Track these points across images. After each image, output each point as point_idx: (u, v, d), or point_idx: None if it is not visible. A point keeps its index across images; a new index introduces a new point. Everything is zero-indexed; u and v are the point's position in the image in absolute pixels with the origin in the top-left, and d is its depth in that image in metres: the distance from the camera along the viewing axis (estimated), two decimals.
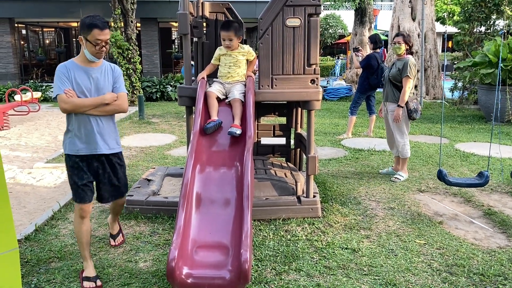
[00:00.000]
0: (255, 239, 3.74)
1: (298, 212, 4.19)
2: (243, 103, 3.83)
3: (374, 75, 7.46)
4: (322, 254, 3.52)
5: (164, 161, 6.40)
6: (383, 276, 3.19)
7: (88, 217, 3.14)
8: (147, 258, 3.47)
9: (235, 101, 3.83)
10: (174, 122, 9.82)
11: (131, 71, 12.37)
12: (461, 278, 3.17)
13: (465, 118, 9.91)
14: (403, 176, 5.42)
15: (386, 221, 4.17)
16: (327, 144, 7.48)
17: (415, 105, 5.22)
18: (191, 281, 2.65)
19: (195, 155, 3.39)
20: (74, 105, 2.92)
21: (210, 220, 3.00)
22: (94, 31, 2.86)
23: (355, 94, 8.08)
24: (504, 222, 4.17)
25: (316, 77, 4.06)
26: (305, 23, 3.97)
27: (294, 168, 4.96)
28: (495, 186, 5.20)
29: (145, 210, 4.22)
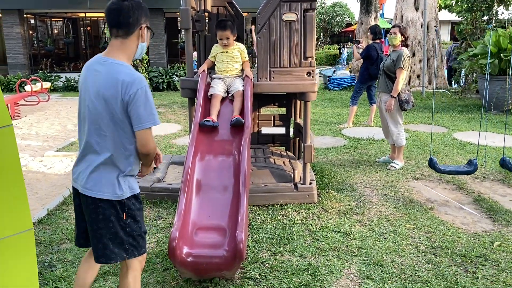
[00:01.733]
0: (253, 223, 3.98)
1: (295, 198, 4.42)
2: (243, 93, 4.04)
3: (374, 65, 7.62)
4: (315, 237, 3.75)
5: (170, 150, 6.64)
6: (371, 257, 3.41)
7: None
8: (151, 240, 3.72)
9: (237, 94, 4.03)
10: (180, 112, 10.05)
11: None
12: (444, 259, 3.38)
13: (466, 108, 10.03)
14: (398, 164, 5.61)
15: (379, 207, 4.39)
16: (327, 133, 7.68)
17: (406, 96, 5.39)
18: (191, 260, 2.89)
19: (196, 145, 3.62)
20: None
21: (209, 204, 3.24)
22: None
23: (355, 84, 8.25)
24: (492, 208, 4.37)
25: (312, 70, 4.25)
26: (301, 18, 4.15)
27: (293, 157, 5.18)
28: (488, 174, 5.38)
29: (150, 196, 4.47)
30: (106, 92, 2.14)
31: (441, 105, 10.40)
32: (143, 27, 2.26)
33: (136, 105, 2.12)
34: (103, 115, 2.17)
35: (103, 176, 2.21)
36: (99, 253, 2.28)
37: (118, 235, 2.25)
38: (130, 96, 2.11)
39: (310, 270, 3.22)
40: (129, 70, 2.17)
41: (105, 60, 2.21)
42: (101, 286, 3.04)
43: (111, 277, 3.15)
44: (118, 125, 2.18)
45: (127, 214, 2.26)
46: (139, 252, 2.35)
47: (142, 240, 2.36)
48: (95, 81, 2.18)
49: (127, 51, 2.25)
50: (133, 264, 2.36)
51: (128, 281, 2.37)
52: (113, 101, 2.13)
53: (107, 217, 2.23)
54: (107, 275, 3.17)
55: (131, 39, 2.24)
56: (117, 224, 2.24)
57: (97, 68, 2.20)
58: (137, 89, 2.11)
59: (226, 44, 4.13)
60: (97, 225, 2.24)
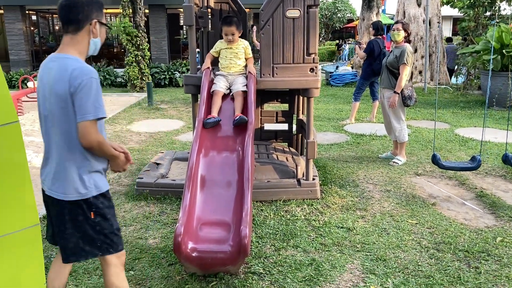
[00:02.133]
0: (257, 219, 4.00)
1: (298, 194, 4.43)
2: (244, 94, 4.04)
3: (377, 61, 7.63)
4: (318, 232, 3.77)
5: (172, 146, 6.67)
6: (374, 252, 3.43)
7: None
8: (156, 235, 3.75)
9: (238, 94, 4.04)
10: (182, 108, 10.06)
11: (140, 57, 12.60)
12: (447, 254, 3.40)
13: (468, 104, 10.03)
14: (401, 160, 5.63)
15: (382, 203, 4.40)
16: (330, 130, 7.69)
17: (409, 92, 5.40)
18: (196, 255, 2.91)
19: (200, 141, 3.64)
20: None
21: (213, 200, 3.26)
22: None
23: (358, 81, 8.26)
24: (495, 203, 4.38)
25: (315, 66, 4.26)
26: (304, 14, 4.15)
27: (296, 153, 5.20)
28: (490, 170, 5.40)
29: (154, 192, 4.49)
30: (57, 88, 2.11)
31: (443, 101, 10.40)
32: (93, 23, 2.22)
33: (79, 96, 2.07)
34: (57, 112, 2.14)
35: (65, 177, 2.18)
36: (68, 252, 2.25)
37: (88, 233, 2.22)
38: (75, 87, 2.07)
39: (313, 265, 3.25)
40: (78, 62, 2.14)
41: (57, 57, 2.19)
42: None
43: None
44: (71, 121, 2.13)
45: (95, 213, 2.22)
46: (115, 249, 2.31)
47: (116, 237, 2.32)
48: (48, 78, 2.16)
49: (78, 46, 2.21)
50: (111, 260, 2.32)
51: (111, 280, 2.34)
52: (64, 96, 2.10)
53: (74, 217, 2.19)
54: None
55: (81, 35, 2.21)
56: (85, 223, 2.21)
57: (50, 65, 2.18)
58: (82, 80, 2.07)
59: (231, 40, 4.13)
60: (65, 226, 2.20)
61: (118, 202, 4.43)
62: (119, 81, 14.09)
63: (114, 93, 12.62)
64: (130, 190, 4.71)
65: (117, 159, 2.30)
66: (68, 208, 2.18)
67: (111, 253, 2.30)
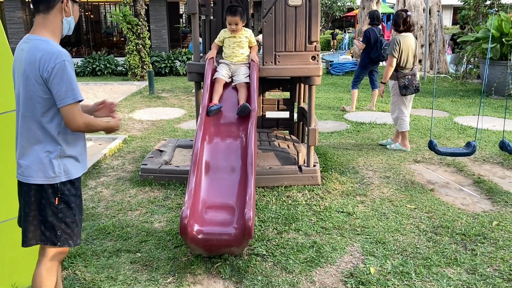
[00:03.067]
0: (259, 204, 4.10)
1: (299, 180, 4.53)
2: (247, 85, 4.10)
3: (374, 49, 7.77)
4: (319, 216, 3.87)
5: (175, 134, 6.74)
6: (374, 236, 3.54)
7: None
8: (161, 219, 3.85)
9: (240, 85, 4.09)
10: (183, 97, 10.12)
11: (140, 46, 12.62)
12: (444, 237, 3.51)
13: (467, 92, 10.10)
14: (398, 147, 5.73)
15: (381, 189, 4.50)
16: (330, 118, 7.77)
17: (406, 82, 5.45)
18: (201, 237, 3.01)
19: (204, 128, 3.72)
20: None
21: (218, 184, 3.35)
22: None
23: (356, 70, 8.34)
24: (492, 189, 4.48)
25: (316, 54, 4.33)
26: (306, 3, 4.21)
27: (297, 140, 5.28)
28: (488, 157, 5.49)
29: (158, 178, 4.59)
30: (28, 70, 2.08)
31: (442, 90, 10.47)
32: (65, 1, 2.17)
33: (55, 81, 2.05)
34: (25, 94, 2.11)
35: (33, 160, 2.15)
36: (29, 235, 2.21)
37: (49, 219, 2.18)
38: (48, 72, 2.04)
39: (315, 247, 3.35)
40: (49, 45, 2.09)
41: (29, 38, 2.14)
42: (115, 262, 3.16)
43: (124, 253, 3.28)
44: (40, 104, 2.11)
45: (60, 199, 2.19)
46: (74, 241, 2.27)
47: (77, 228, 2.28)
48: (20, 60, 2.13)
49: (50, 26, 2.16)
50: (50, 252, 2.26)
51: (40, 271, 2.27)
52: (33, 78, 2.07)
53: (38, 200, 2.18)
54: (120, 252, 3.30)
55: (54, 14, 2.15)
56: (48, 208, 2.18)
57: (23, 47, 2.14)
58: (55, 64, 2.04)
59: (234, 30, 4.17)
60: (29, 208, 2.19)
61: (123, 188, 4.53)
62: (120, 70, 14.12)
63: (115, 81, 12.66)
64: (135, 176, 4.80)
65: (110, 128, 2.35)
66: (34, 190, 2.17)
67: (69, 246, 2.27)
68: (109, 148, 5.70)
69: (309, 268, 3.10)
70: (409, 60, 5.54)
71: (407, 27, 5.56)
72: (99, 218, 3.87)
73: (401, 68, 5.54)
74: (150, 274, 3.02)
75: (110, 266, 3.11)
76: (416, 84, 5.54)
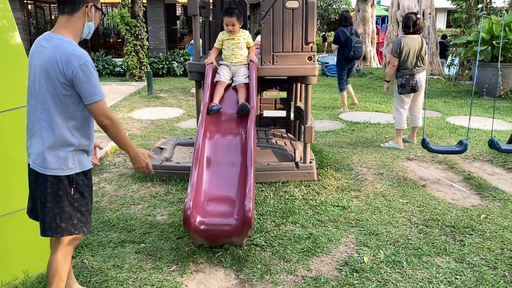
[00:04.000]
0: (258, 198, 4.25)
1: (296, 176, 4.69)
2: (247, 85, 4.25)
3: (346, 48, 8.11)
4: (315, 210, 4.03)
5: (174, 133, 6.89)
6: (367, 228, 3.70)
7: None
8: (163, 213, 4.00)
9: (240, 86, 4.25)
10: (181, 97, 10.27)
11: (138, 47, 12.76)
12: (435, 229, 3.68)
13: (459, 94, 10.31)
14: (391, 145, 5.94)
15: (375, 184, 4.67)
16: (326, 118, 7.95)
17: (404, 81, 5.68)
18: (204, 227, 3.16)
19: (205, 125, 3.87)
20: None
21: (219, 178, 3.51)
22: None
23: (336, 72, 8.67)
24: (481, 185, 4.66)
25: (313, 54, 4.50)
26: (303, 5, 4.37)
27: (293, 138, 5.45)
28: (478, 155, 5.68)
29: (160, 174, 4.74)
30: (49, 68, 2.18)
31: (435, 91, 10.68)
32: (89, 6, 2.30)
33: (81, 81, 2.18)
34: (46, 90, 2.22)
35: (51, 152, 2.26)
36: (46, 226, 2.32)
37: (65, 209, 2.30)
38: (73, 72, 2.16)
39: (311, 238, 3.51)
40: (72, 46, 2.21)
41: (51, 36, 2.25)
42: (120, 252, 3.31)
43: (128, 244, 3.42)
44: (60, 100, 2.22)
45: (75, 189, 2.33)
46: (87, 228, 2.42)
47: (90, 217, 2.45)
48: (41, 57, 2.23)
49: (73, 28, 2.28)
50: (66, 239, 2.39)
51: (57, 257, 2.40)
52: (54, 76, 2.18)
53: (55, 191, 2.28)
54: (125, 242, 3.45)
55: (77, 17, 2.28)
56: (65, 198, 2.30)
57: (43, 44, 2.25)
58: (79, 65, 2.16)
59: (231, 30, 4.31)
60: (45, 199, 2.29)
61: (126, 183, 4.67)
62: (118, 71, 14.24)
63: (113, 82, 12.79)
64: (136, 173, 4.94)
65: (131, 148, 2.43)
66: (50, 182, 2.28)
67: (84, 233, 2.41)
68: (111, 146, 5.83)
69: (306, 258, 3.25)
70: (409, 60, 5.75)
71: (416, 29, 5.80)
72: (104, 211, 4.01)
73: (401, 67, 5.77)
74: (154, 263, 3.17)
75: (116, 256, 3.25)
76: (413, 84, 5.73)
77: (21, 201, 2.77)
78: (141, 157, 2.48)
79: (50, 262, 2.42)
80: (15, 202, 2.83)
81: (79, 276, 2.95)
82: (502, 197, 4.32)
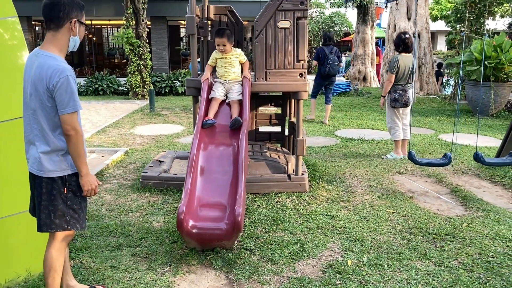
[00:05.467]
0: (250, 207, 4.45)
1: (288, 187, 4.89)
2: (240, 102, 4.49)
3: (323, 65, 8.83)
4: (305, 219, 4.22)
5: (173, 147, 7.12)
6: (353, 235, 3.88)
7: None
8: (159, 220, 4.19)
9: (233, 102, 4.48)
10: (182, 115, 10.54)
11: (142, 67, 13.11)
12: (417, 236, 3.85)
13: (454, 112, 10.54)
14: (392, 156, 6.20)
15: (364, 196, 4.86)
16: (321, 134, 8.17)
17: (397, 96, 6.10)
18: (196, 231, 3.35)
19: (200, 136, 4.10)
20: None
21: (211, 185, 3.72)
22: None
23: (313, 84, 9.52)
24: (466, 197, 4.84)
25: (304, 71, 4.74)
26: (294, 25, 4.65)
27: (287, 152, 5.66)
28: (466, 169, 5.86)
29: (157, 184, 4.94)
30: (36, 82, 2.42)
31: (430, 110, 10.91)
32: (73, 21, 2.51)
33: (59, 93, 2.40)
34: (36, 102, 2.46)
35: (45, 157, 2.50)
36: (41, 222, 2.56)
37: (59, 207, 2.54)
38: (53, 85, 2.39)
39: (299, 244, 3.69)
40: (56, 61, 2.44)
41: (39, 53, 2.49)
42: (117, 254, 3.50)
43: (125, 247, 3.61)
44: (47, 111, 2.46)
45: (68, 189, 2.57)
46: (80, 225, 2.64)
47: (83, 214, 2.67)
48: (30, 71, 2.47)
49: (59, 43, 2.51)
50: (59, 235, 2.62)
51: (51, 252, 2.62)
52: (41, 90, 2.42)
53: (49, 191, 2.53)
54: (122, 246, 3.64)
55: (62, 32, 2.50)
56: (58, 197, 2.54)
57: (33, 59, 2.49)
58: (60, 79, 2.38)
59: (222, 50, 4.57)
60: (41, 198, 2.54)
61: (125, 194, 4.88)
62: (121, 89, 14.58)
63: (116, 100, 13.10)
64: (135, 184, 5.16)
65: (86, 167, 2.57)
66: (45, 182, 2.53)
67: (77, 229, 2.63)
68: (112, 159, 6.06)
69: (293, 261, 3.43)
70: (404, 77, 6.16)
71: (405, 48, 6.16)
72: (103, 218, 4.21)
73: (395, 83, 6.15)
74: (149, 265, 3.36)
75: (113, 258, 3.44)
76: (405, 99, 6.15)
77: (24, 203, 2.98)
78: (91, 179, 2.62)
79: (45, 257, 2.64)
80: (18, 204, 3.04)
81: (77, 275, 3.14)
82: (485, 208, 4.50)
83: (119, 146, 7.23)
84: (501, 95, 9.58)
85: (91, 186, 2.62)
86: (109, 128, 8.77)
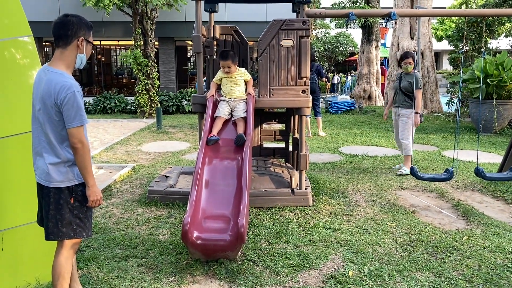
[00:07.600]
0: (254, 221, 4.53)
1: (291, 201, 4.97)
2: (245, 119, 4.60)
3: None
4: (308, 232, 4.29)
5: (180, 164, 7.24)
6: (355, 247, 3.95)
7: None
8: (165, 233, 4.29)
9: (239, 120, 4.62)
10: (189, 132, 10.70)
11: (149, 86, 13.36)
12: (418, 249, 3.91)
13: (457, 130, 10.61)
14: (406, 170, 6.29)
15: (367, 210, 4.93)
16: (326, 151, 8.27)
17: (421, 112, 6.41)
18: (200, 242, 3.45)
19: (205, 150, 4.22)
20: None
21: (215, 197, 3.82)
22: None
23: None
24: (468, 211, 4.89)
25: (306, 88, 4.88)
26: (297, 44, 4.80)
27: (291, 167, 5.76)
28: (469, 185, 5.92)
29: (163, 199, 5.05)
30: (45, 97, 2.55)
31: (434, 127, 10.99)
32: (80, 40, 2.65)
33: (66, 108, 2.52)
34: (44, 116, 2.58)
35: (53, 168, 2.61)
36: (49, 231, 2.67)
37: (66, 216, 2.65)
38: (60, 100, 2.51)
39: (301, 255, 3.76)
40: (64, 78, 2.56)
41: (47, 69, 2.62)
42: (124, 265, 3.59)
43: (132, 258, 3.71)
44: (54, 125, 2.58)
45: (74, 199, 2.67)
46: (86, 233, 2.74)
47: (89, 223, 2.77)
48: (39, 87, 2.61)
49: (66, 60, 2.65)
50: (67, 244, 2.72)
51: (60, 260, 2.72)
52: (49, 104, 2.55)
53: (57, 200, 2.64)
54: (129, 257, 3.73)
55: (70, 50, 2.64)
56: (65, 206, 2.65)
57: (42, 76, 2.63)
58: (67, 94, 2.51)
59: (227, 72, 4.73)
60: (49, 207, 2.64)
61: (132, 208, 4.99)
62: (129, 108, 14.82)
63: (124, 118, 13.32)
64: (142, 198, 5.27)
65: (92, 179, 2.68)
66: (53, 192, 2.63)
67: (83, 237, 2.74)
68: (119, 174, 6.19)
69: (295, 272, 3.50)
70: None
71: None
72: (110, 231, 4.32)
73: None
74: (154, 275, 3.44)
75: (120, 268, 3.53)
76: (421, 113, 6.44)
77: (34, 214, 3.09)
78: (97, 190, 2.73)
79: (54, 265, 2.75)
80: (28, 215, 3.16)
81: (85, 284, 3.23)
82: (486, 222, 4.55)
83: (126, 162, 7.37)
84: (504, 112, 9.65)
85: (96, 197, 2.72)
86: (117, 145, 8.93)
